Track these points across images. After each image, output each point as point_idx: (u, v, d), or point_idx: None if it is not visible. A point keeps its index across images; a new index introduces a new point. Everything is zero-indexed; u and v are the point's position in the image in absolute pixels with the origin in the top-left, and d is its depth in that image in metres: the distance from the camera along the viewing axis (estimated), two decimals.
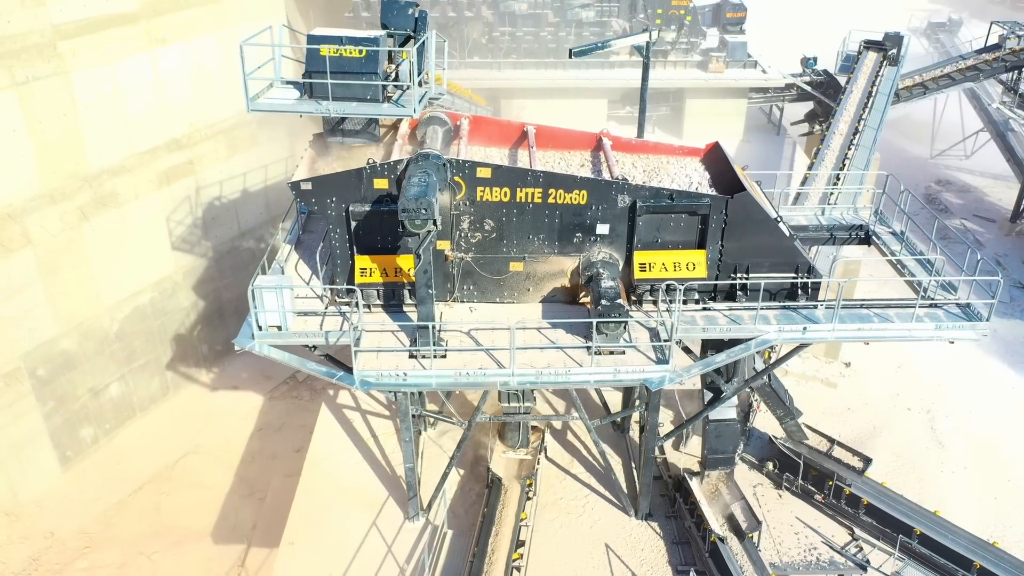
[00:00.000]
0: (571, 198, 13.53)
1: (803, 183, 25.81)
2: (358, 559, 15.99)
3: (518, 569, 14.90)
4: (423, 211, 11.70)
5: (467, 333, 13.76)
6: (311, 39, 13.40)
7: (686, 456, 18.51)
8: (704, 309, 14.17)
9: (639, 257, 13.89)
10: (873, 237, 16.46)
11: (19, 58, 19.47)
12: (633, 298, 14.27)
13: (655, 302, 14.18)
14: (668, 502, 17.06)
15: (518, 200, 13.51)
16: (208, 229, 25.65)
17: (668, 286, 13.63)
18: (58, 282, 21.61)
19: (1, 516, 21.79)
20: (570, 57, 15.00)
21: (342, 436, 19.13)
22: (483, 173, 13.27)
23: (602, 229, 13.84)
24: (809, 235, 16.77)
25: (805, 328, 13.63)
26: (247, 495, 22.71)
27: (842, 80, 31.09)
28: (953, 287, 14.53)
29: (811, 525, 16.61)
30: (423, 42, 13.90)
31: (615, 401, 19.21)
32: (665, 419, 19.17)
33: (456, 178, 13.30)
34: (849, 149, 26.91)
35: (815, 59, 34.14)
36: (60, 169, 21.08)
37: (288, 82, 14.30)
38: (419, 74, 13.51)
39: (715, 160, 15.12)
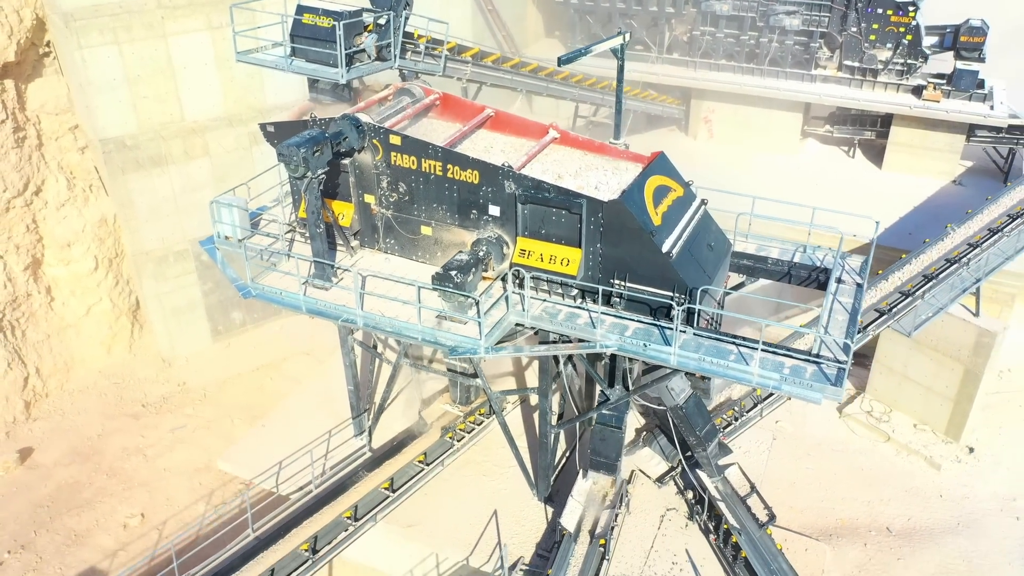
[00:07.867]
0: (466, 176, 14.58)
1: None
2: (300, 453, 18.77)
3: (386, 500, 16.60)
4: (293, 158, 13.81)
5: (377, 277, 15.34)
6: (299, 9, 16.01)
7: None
8: (578, 307, 14.46)
9: (521, 243, 14.51)
10: (831, 283, 14.97)
11: (216, 7, 24.69)
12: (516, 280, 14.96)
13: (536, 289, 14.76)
14: None
15: (423, 170, 14.90)
16: None
17: (517, 272, 14.23)
18: (226, 189, 26.93)
19: (160, 360, 28.12)
20: (559, 65, 15.82)
21: (368, 361, 21.78)
22: (395, 140, 14.87)
23: (494, 210, 14.68)
24: (767, 268, 15.74)
25: (646, 345, 13.37)
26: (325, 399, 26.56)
27: None
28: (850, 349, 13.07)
29: (695, 562, 15.86)
30: (390, 19, 15.80)
31: None
32: None
33: (375, 141, 15.08)
34: None
35: None
36: (240, 100, 26.26)
37: None
38: (372, 47, 15.52)
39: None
